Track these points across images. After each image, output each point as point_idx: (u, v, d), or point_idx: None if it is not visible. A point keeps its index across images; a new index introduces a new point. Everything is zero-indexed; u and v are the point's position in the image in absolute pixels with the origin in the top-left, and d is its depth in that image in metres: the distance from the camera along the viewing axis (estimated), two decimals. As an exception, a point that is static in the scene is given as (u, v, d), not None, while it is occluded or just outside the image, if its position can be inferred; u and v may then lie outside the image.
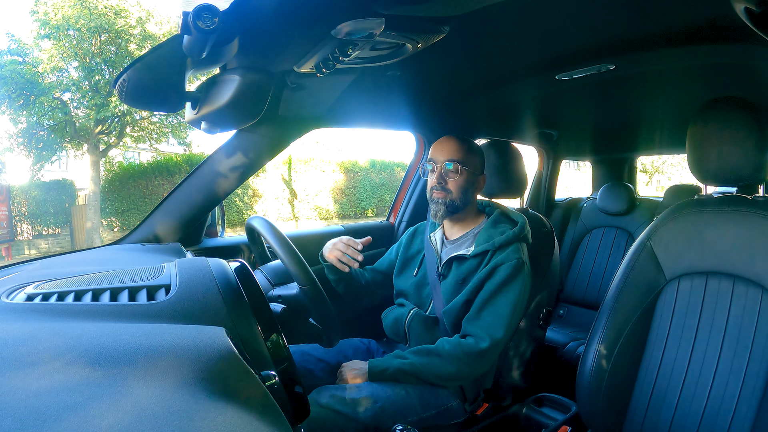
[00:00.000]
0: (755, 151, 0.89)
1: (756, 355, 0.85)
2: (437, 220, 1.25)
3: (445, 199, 1.21)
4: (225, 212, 1.45)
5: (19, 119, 8.85)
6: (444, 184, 1.21)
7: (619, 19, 0.92)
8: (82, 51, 8.48)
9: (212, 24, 0.63)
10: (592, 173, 2.73)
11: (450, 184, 1.21)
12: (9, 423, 0.31)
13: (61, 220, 9.29)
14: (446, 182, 1.21)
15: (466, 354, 1.08)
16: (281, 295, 0.97)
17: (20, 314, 0.51)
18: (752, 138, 0.89)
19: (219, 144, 1.23)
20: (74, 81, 8.68)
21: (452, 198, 1.21)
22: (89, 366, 0.38)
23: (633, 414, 0.97)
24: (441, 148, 1.23)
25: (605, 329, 0.99)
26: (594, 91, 1.41)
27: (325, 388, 1.04)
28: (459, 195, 1.21)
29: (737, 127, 0.90)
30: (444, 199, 1.21)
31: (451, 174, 1.20)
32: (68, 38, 8.41)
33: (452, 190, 1.21)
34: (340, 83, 1.11)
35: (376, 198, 11.59)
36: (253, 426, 0.38)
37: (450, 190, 1.21)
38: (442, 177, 1.21)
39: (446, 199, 1.21)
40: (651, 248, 1.00)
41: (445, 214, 1.22)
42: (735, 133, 0.90)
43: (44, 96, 8.31)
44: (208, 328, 0.47)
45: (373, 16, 0.72)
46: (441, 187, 1.21)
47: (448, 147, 1.22)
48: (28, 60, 8.62)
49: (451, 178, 1.20)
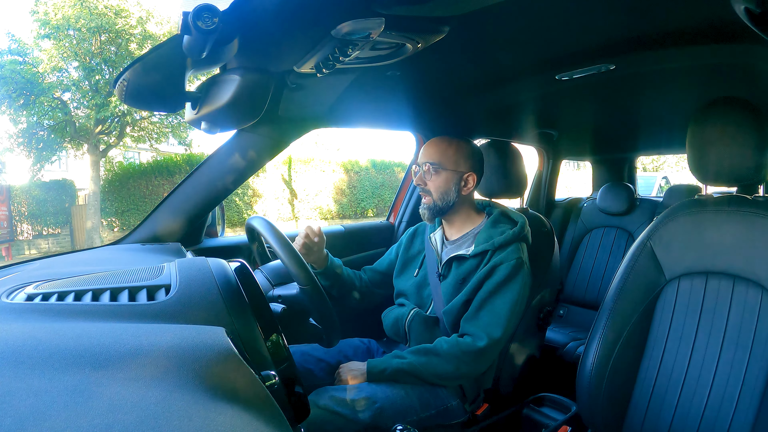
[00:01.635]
0: (755, 151, 0.89)
1: (756, 355, 0.85)
2: (426, 221, 1.27)
3: (427, 202, 1.23)
4: (225, 212, 1.45)
5: (19, 119, 8.85)
6: (423, 185, 1.22)
7: (619, 19, 0.92)
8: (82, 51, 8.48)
9: (212, 24, 0.63)
10: (592, 173, 2.73)
11: (429, 185, 1.22)
12: (9, 423, 0.31)
13: (61, 220, 9.28)
14: (425, 184, 1.22)
15: (464, 353, 1.08)
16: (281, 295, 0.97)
17: (20, 314, 0.51)
18: (752, 138, 0.89)
19: (219, 144, 1.23)
20: (74, 81, 8.68)
21: (433, 200, 1.22)
22: (89, 366, 0.38)
23: (633, 414, 0.97)
24: (424, 150, 1.25)
25: (605, 329, 0.99)
26: (594, 91, 1.41)
27: (324, 390, 1.04)
28: (438, 195, 1.22)
29: (737, 127, 0.90)
30: (427, 202, 1.23)
31: (427, 175, 1.22)
32: (68, 38, 8.41)
33: (431, 191, 1.22)
34: (340, 83, 1.11)
35: (376, 198, 11.59)
36: (253, 426, 0.38)
37: (429, 191, 1.22)
38: (421, 179, 1.23)
39: (429, 201, 1.23)
40: (651, 248, 1.00)
41: (430, 216, 1.24)
42: (735, 133, 0.90)
43: (44, 96, 8.31)
44: (208, 328, 0.47)
45: (373, 16, 0.72)
46: (422, 189, 1.23)
47: (428, 149, 1.24)
48: (28, 60, 8.62)
49: (429, 179, 1.22)
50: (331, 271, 1.29)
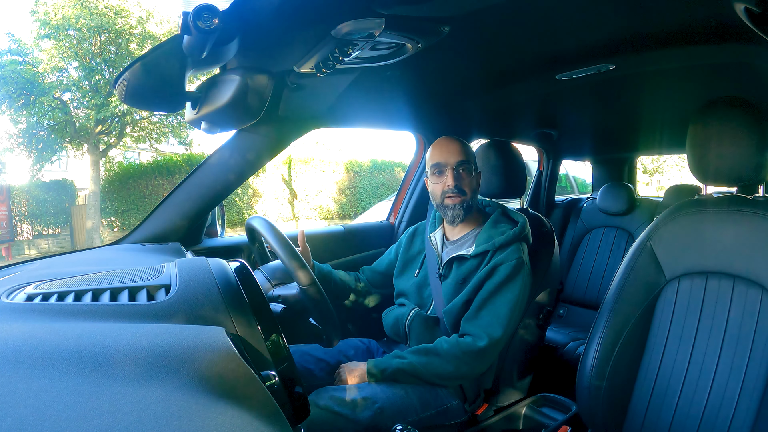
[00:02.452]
0: (755, 151, 0.89)
1: (756, 355, 0.85)
2: (455, 224, 1.24)
3: (462, 202, 1.20)
4: (225, 212, 1.45)
5: (19, 119, 8.85)
6: (461, 185, 1.20)
7: (619, 19, 0.92)
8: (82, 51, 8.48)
9: (212, 24, 0.63)
10: (592, 173, 2.73)
11: (464, 185, 1.20)
12: (9, 423, 0.31)
13: (61, 220, 9.29)
14: (462, 183, 1.20)
15: (464, 353, 1.08)
16: (281, 295, 0.97)
17: (20, 314, 0.51)
18: (752, 138, 0.89)
19: (219, 144, 1.23)
20: (74, 81, 8.68)
21: (468, 199, 1.20)
22: (89, 366, 0.38)
23: (633, 414, 0.97)
24: (448, 149, 1.22)
25: (605, 329, 0.99)
26: (594, 91, 1.41)
27: (324, 390, 1.04)
28: (472, 194, 1.22)
29: (737, 127, 0.90)
30: (461, 202, 1.20)
31: (464, 174, 1.20)
32: (68, 38, 8.41)
33: (467, 191, 1.20)
34: (340, 83, 1.11)
35: (376, 198, 11.59)
36: (253, 426, 0.38)
37: (466, 192, 1.20)
38: (458, 178, 1.20)
39: (463, 201, 1.20)
40: (651, 248, 1.00)
41: (464, 217, 1.22)
42: (735, 133, 0.90)
43: (44, 96, 8.31)
44: (208, 328, 0.47)
45: (373, 16, 0.72)
46: (458, 189, 1.19)
47: (455, 148, 1.21)
48: (28, 60, 8.62)
49: (465, 179, 1.20)
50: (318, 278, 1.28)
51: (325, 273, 1.30)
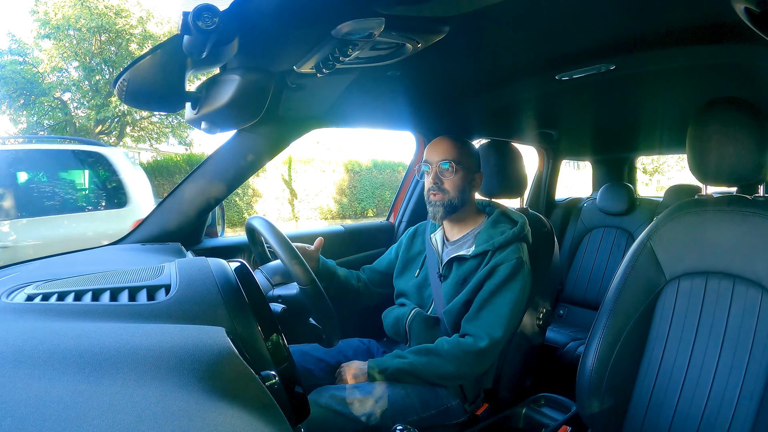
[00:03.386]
0: (755, 151, 0.89)
1: (756, 355, 0.85)
2: (437, 221, 1.25)
3: (442, 200, 1.21)
4: (225, 212, 1.45)
5: (19, 119, 8.85)
6: (440, 184, 1.21)
7: (619, 19, 0.92)
8: (82, 51, 8.48)
9: (212, 24, 0.63)
10: (592, 173, 2.73)
11: (446, 183, 1.21)
12: (9, 423, 0.31)
13: (61, 220, 9.27)
14: (442, 182, 1.21)
15: (465, 353, 1.08)
16: (281, 295, 0.97)
17: (20, 314, 0.51)
18: (752, 138, 0.89)
19: (219, 144, 1.23)
20: (74, 81, 8.69)
21: (450, 198, 1.21)
22: (89, 366, 0.38)
23: (633, 414, 0.97)
24: (435, 148, 1.23)
25: (605, 329, 0.99)
26: (594, 91, 1.41)
27: (324, 389, 1.04)
28: (456, 194, 1.21)
29: (737, 127, 0.90)
30: (441, 200, 1.21)
31: (446, 173, 1.21)
32: (68, 38, 8.42)
33: (449, 190, 1.21)
34: (340, 83, 1.11)
35: (376, 198, 11.59)
36: (253, 426, 0.38)
37: (447, 190, 1.21)
38: (438, 177, 1.21)
39: (444, 200, 1.21)
40: (651, 248, 1.00)
41: (444, 215, 1.22)
42: (735, 133, 0.90)
43: (44, 96, 8.32)
44: (208, 328, 0.47)
45: (373, 16, 0.72)
46: (438, 188, 1.21)
47: (441, 147, 1.22)
48: (28, 60, 8.62)
49: (447, 177, 1.21)
50: (324, 273, 1.29)
51: (330, 268, 1.31)
